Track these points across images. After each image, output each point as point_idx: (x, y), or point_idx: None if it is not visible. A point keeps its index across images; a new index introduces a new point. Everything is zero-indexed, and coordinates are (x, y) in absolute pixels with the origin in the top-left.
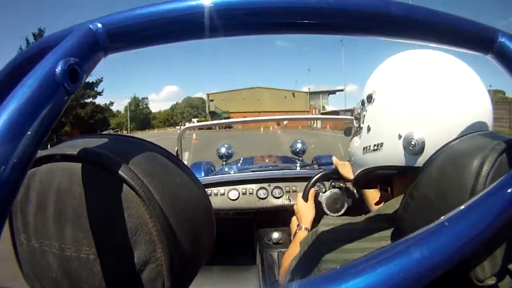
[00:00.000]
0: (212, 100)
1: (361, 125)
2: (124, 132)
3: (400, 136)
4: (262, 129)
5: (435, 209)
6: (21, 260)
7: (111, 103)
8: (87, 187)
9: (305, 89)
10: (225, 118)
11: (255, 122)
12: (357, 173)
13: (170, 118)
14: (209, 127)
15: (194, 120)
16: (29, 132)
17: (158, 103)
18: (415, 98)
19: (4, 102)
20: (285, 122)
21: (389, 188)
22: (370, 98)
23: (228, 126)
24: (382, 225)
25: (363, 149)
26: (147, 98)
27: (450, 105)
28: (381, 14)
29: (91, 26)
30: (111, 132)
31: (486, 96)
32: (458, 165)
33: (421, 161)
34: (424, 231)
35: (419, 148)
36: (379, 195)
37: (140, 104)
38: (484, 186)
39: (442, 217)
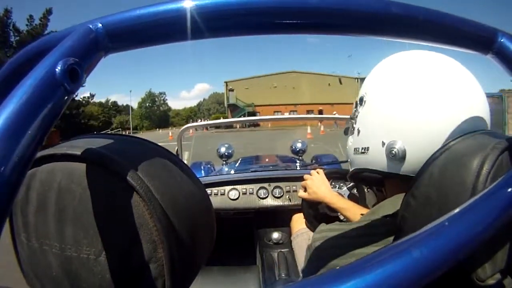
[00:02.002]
0: (232, 90)
1: (354, 126)
2: (126, 132)
3: (383, 144)
4: (309, 129)
5: (436, 209)
6: (21, 260)
7: (92, 96)
8: (87, 187)
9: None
10: (249, 113)
11: (272, 121)
12: (350, 170)
13: (194, 115)
14: (229, 125)
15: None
16: (29, 132)
17: (190, 100)
18: (400, 108)
19: (4, 102)
20: (336, 121)
21: (383, 189)
22: (361, 101)
23: (253, 124)
24: (376, 230)
25: (354, 150)
26: (164, 93)
27: (435, 116)
28: (381, 14)
29: (91, 26)
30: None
31: (480, 99)
32: (459, 164)
33: (405, 168)
34: (424, 231)
35: (400, 157)
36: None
37: (157, 99)
38: (485, 185)
39: (443, 217)
